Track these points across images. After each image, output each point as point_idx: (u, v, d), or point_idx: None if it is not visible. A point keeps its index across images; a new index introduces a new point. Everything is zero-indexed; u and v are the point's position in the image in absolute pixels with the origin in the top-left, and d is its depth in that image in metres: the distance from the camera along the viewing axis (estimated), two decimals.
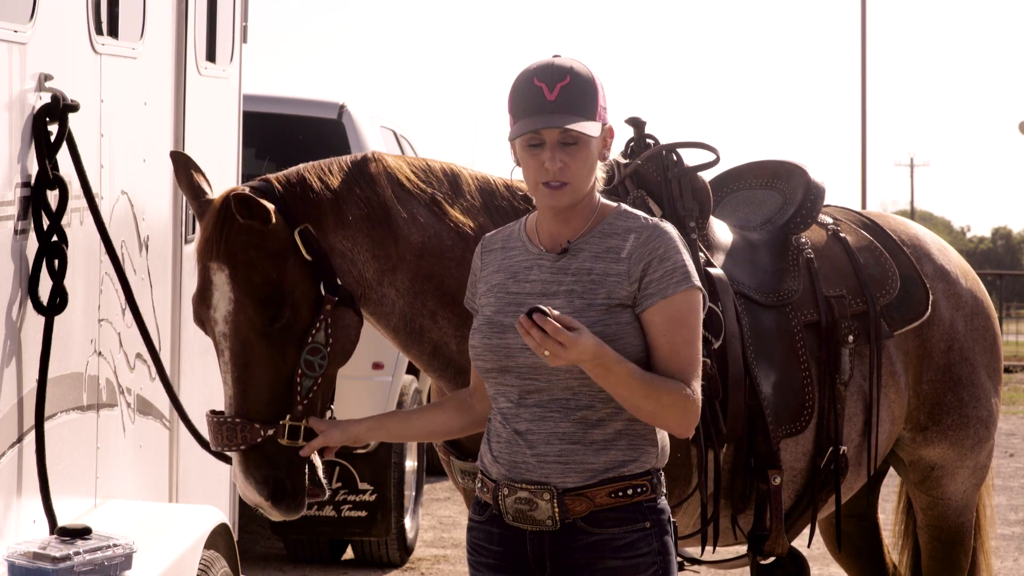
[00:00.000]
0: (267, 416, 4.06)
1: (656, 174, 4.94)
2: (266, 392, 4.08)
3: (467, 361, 4.39)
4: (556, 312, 3.42)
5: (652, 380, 3.51)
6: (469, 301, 3.79)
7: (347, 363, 4.25)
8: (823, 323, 5.11)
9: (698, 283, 3.60)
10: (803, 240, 5.22)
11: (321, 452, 4.11)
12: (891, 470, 5.77)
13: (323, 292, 4.16)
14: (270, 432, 4.04)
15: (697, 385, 3.57)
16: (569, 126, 3.53)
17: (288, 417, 4.06)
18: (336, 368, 4.21)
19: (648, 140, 5.02)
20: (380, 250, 4.32)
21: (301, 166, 4.34)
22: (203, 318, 4.14)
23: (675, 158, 4.97)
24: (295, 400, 4.10)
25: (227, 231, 4.09)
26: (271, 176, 4.28)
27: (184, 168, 4.28)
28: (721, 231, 5.11)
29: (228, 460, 4.47)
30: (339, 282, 4.20)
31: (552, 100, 3.56)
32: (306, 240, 4.17)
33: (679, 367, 3.56)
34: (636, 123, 5.05)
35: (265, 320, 4.08)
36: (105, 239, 4.49)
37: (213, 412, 4.10)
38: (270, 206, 4.11)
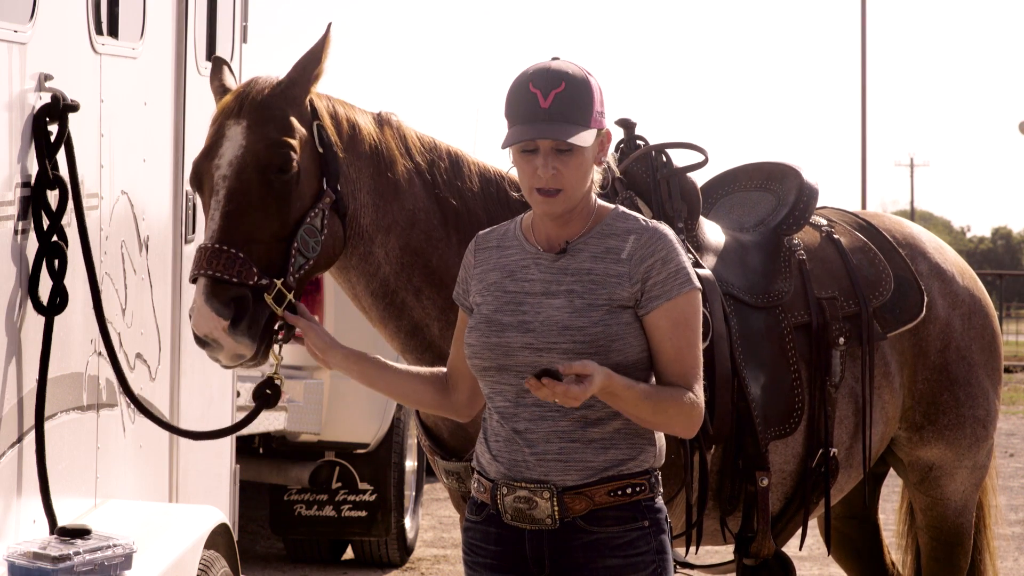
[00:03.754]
0: (248, 254, 4.04)
1: (645, 175, 4.94)
2: (252, 234, 4.08)
3: (448, 346, 4.40)
4: (564, 366, 3.42)
5: (658, 396, 3.54)
6: (459, 297, 3.79)
7: None
8: (814, 325, 5.11)
9: (698, 284, 3.62)
10: (795, 241, 5.22)
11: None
12: (892, 471, 5.77)
13: (324, 186, 4.22)
14: (263, 281, 4.04)
15: (699, 388, 3.59)
16: (561, 138, 3.52)
17: (280, 281, 4.06)
18: (320, 267, 4.24)
19: (638, 141, 5.02)
20: (380, 200, 4.39)
21: (328, 93, 4.44)
22: (203, 171, 4.15)
23: (664, 159, 4.97)
24: (288, 269, 4.11)
25: (254, 93, 4.20)
26: None
27: (221, 69, 4.40)
28: (712, 232, 5.10)
29: (181, 432, 4.43)
30: (340, 188, 4.26)
31: (546, 108, 3.55)
32: (321, 135, 4.26)
33: (682, 370, 3.58)
34: (626, 124, 5.06)
35: (274, 165, 4.13)
36: (85, 245, 4.46)
37: (205, 243, 4.08)
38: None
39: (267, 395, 4.15)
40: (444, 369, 3.91)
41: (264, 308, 4.05)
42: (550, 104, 3.55)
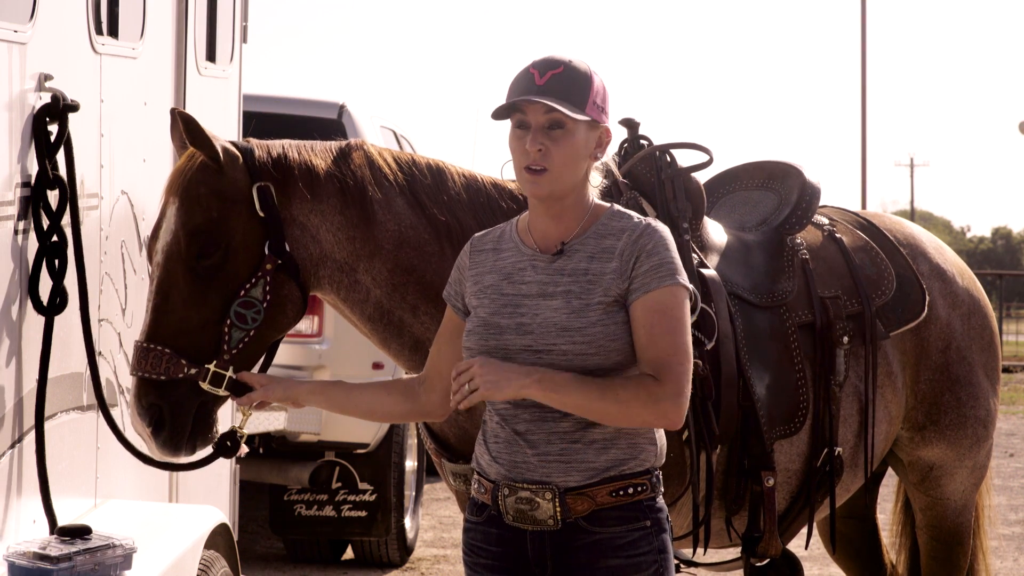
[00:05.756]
0: (179, 350, 4.13)
1: (650, 175, 4.94)
2: (179, 325, 4.16)
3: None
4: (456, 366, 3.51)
5: (603, 380, 3.50)
6: (450, 297, 3.78)
7: (347, 363, 4.26)
8: (818, 324, 5.11)
9: (685, 281, 3.57)
10: (798, 241, 5.22)
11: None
12: (890, 470, 5.77)
13: (266, 251, 4.23)
14: (193, 371, 4.13)
15: (679, 376, 3.49)
16: (546, 101, 3.53)
17: (214, 364, 4.14)
18: (271, 332, 4.27)
19: (642, 141, 5.02)
20: (355, 232, 4.37)
21: (285, 140, 4.44)
22: (151, 251, 4.27)
23: (668, 159, 4.97)
24: (221, 349, 4.17)
25: (188, 169, 4.24)
26: (255, 140, 4.39)
27: (176, 124, 4.36)
28: (715, 232, 5.10)
29: (142, 457, 4.52)
30: (287, 248, 4.27)
31: (540, 84, 3.57)
32: (263, 197, 4.26)
33: (655, 355, 3.51)
34: (630, 124, 5.05)
35: (192, 254, 4.18)
36: (77, 244, 4.47)
37: (138, 340, 4.19)
38: (220, 144, 4.24)
39: (226, 447, 4.26)
40: (407, 379, 3.93)
41: (188, 408, 4.16)
42: (545, 82, 3.58)
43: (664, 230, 3.62)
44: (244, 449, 4.25)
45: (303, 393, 3.96)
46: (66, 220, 4.31)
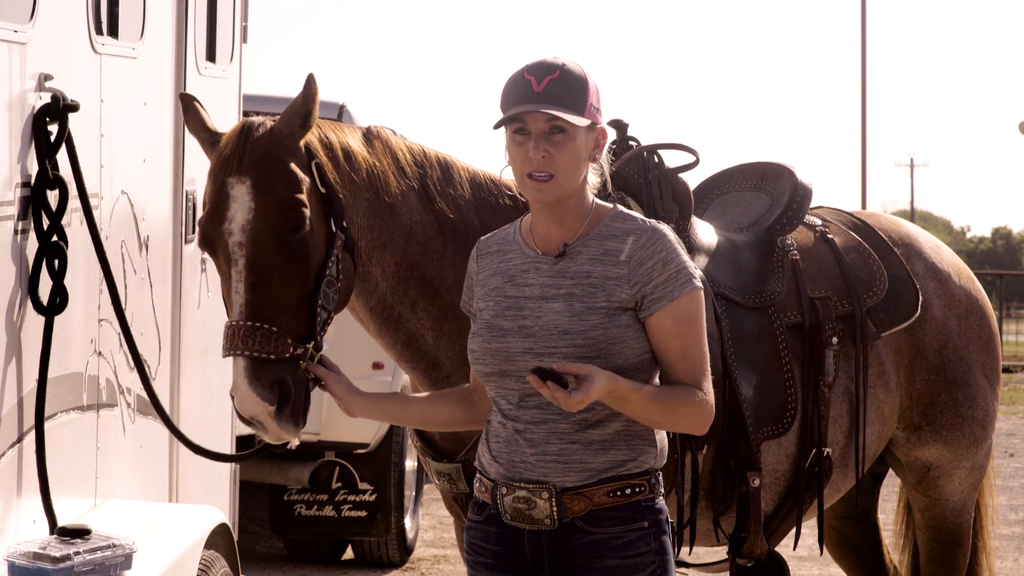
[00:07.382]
0: (282, 328, 3.96)
1: (637, 176, 4.94)
2: (279, 303, 3.99)
3: (442, 355, 4.41)
4: (561, 365, 3.44)
5: (666, 396, 3.55)
6: (466, 304, 3.79)
7: (347, 363, 4.20)
8: (807, 325, 5.11)
9: (699, 283, 3.62)
10: (789, 241, 5.21)
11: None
12: (891, 471, 5.77)
13: (333, 228, 4.14)
14: (299, 351, 3.96)
15: (708, 384, 3.60)
16: (550, 111, 3.54)
17: (312, 344, 4.00)
18: (337, 311, 4.18)
19: (631, 142, 5.02)
20: (375, 220, 4.34)
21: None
22: (213, 235, 4.03)
23: (656, 159, 4.97)
24: (316, 330, 4.04)
25: (252, 145, 4.05)
26: None
27: (193, 107, 4.24)
28: (704, 232, 5.10)
29: (210, 455, 4.45)
30: (345, 224, 4.18)
31: (539, 91, 3.57)
32: (322, 175, 4.17)
33: (690, 367, 3.59)
34: (619, 125, 5.06)
35: (288, 227, 4.01)
36: (96, 242, 4.47)
37: (237, 320, 3.98)
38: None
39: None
40: (461, 387, 3.92)
41: (304, 387, 3.99)
42: (543, 88, 3.58)
43: (670, 233, 3.64)
44: (295, 440, 4.13)
45: (359, 402, 3.87)
46: (66, 220, 4.32)
